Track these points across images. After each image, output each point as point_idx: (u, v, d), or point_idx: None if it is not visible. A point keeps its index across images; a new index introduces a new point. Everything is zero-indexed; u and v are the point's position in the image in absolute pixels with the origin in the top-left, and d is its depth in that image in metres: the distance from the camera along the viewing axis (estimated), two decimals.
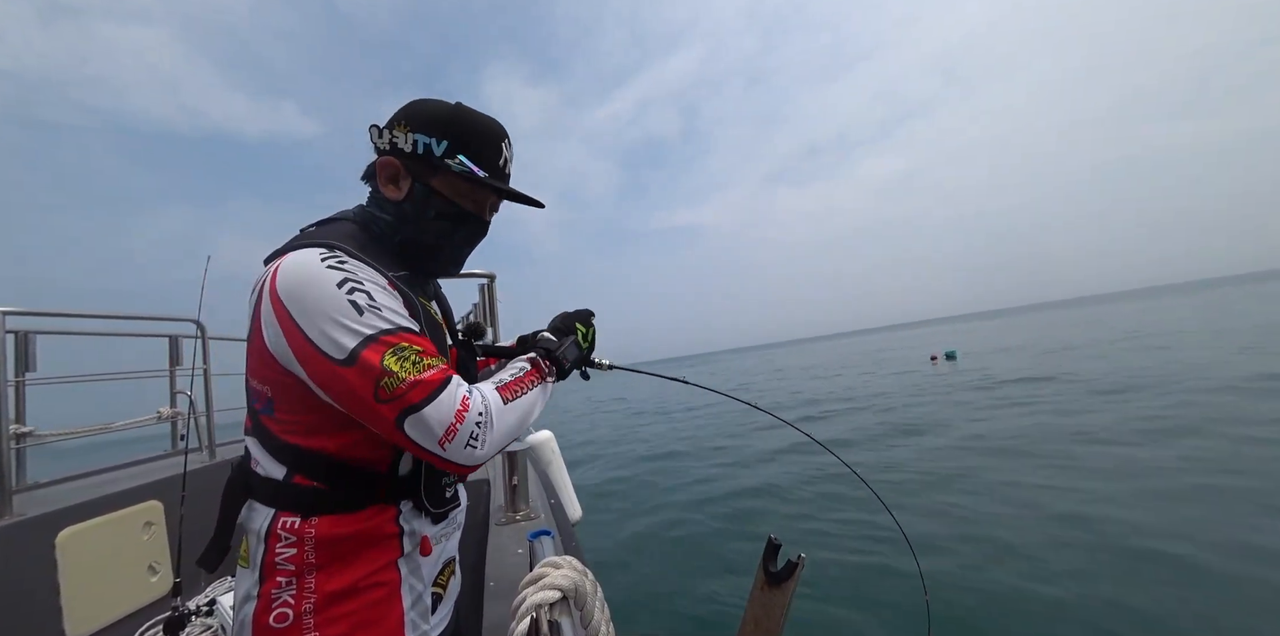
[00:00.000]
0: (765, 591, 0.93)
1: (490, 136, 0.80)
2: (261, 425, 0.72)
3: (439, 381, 0.65)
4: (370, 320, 0.65)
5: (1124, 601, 3.22)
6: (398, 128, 0.77)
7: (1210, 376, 9.88)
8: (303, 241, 0.73)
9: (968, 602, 3.42)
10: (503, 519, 1.96)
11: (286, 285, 0.65)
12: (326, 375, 0.63)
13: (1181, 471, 5.32)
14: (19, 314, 2.16)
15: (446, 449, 0.64)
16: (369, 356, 0.62)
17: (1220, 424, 6.73)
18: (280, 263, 0.68)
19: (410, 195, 0.79)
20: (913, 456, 7.32)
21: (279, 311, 0.65)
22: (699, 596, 4.12)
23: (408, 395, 0.62)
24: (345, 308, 0.64)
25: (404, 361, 0.64)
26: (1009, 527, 4.48)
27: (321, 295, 0.64)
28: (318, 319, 0.63)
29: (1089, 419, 8.03)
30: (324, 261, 0.68)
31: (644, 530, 5.88)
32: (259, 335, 0.68)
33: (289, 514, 0.68)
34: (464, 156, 0.78)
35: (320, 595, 0.67)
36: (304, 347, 0.64)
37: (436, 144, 0.76)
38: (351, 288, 0.66)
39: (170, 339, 3.40)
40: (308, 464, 0.70)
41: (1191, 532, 3.97)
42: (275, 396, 0.70)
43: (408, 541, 0.75)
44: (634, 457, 10.27)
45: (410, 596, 0.74)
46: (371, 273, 0.71)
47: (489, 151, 0.80)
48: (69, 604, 1.91)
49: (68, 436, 2.67)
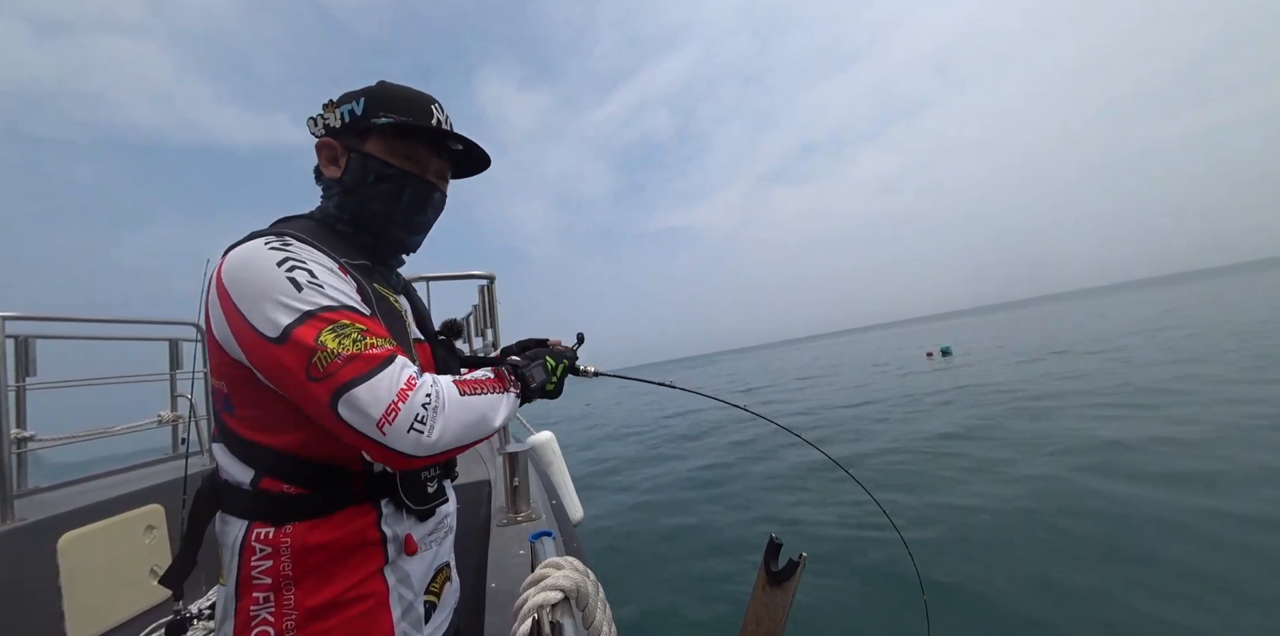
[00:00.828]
0: (767, 590, 0.93)
1: (416, 98, 0.79)
2: (225, 426, 0.69)
3: (380, 358, 0.60)
4: (310, 296, 0.61)
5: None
6: (326, 110, 0.78)
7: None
8: (252, 234, 0.72)
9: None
10: (504, 520, 1.96)
11: (229, 271, 0.63)
12: (262, 355, 0.60)
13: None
14: (19, 319, 2.16)
15: (386, 433, 0.57)
16: (303, 333, 0.58)
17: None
18: (228, 253, 0.67)
19: (348, 168, 0.77)
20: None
21: (222, 297, 0.63)
22: (700, 596, 4.13)
23: (341, 370, 0.57)
24: (283, 285, 0.61)
25: (343, 338, 0.59)
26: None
27: (259, 275, 0.62)
28: (256, 299, 0.60)
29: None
30: (267, 245, 0.65)
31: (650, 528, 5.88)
32: (209, 328, 0.66)
33: (262, 524, 0.64)
34: (387, 112, 0.76)
35: (301, 611, 0.63)
36: (243, 329, 0.61)
37: (358, 105, 0.76)
38: (292, 265, 0.63)
39: (170, 342, 3.40)
40: (274, 464, 0.66)
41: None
42: (231, 391, 0.67)
43: (392, 548, 0.71)
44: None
45: (400, 606, 0.70)
46: (319, 255, 0.68)
47: (414, 106, 0.78)
48: (71, 608, 1.91)
49: (68, 441, 2.67)
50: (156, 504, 2.40)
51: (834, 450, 1.21)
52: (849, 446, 8.13)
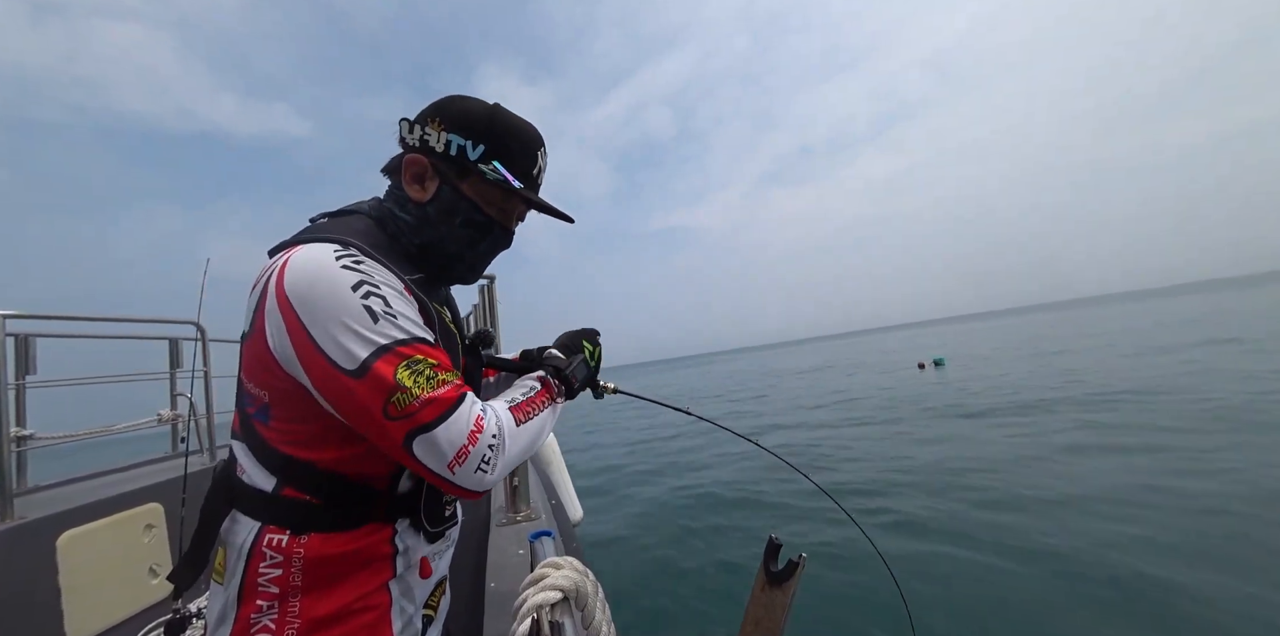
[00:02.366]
0: (766, 591, 0.93)
1: (528, 144, 0.75)
2: (254, 431, 0.66)
3: (453, 399, 0.61)
4: (385, 328, 0.60)
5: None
6: (430, 124, 0.72)
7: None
8: (315, 234, 0.67)
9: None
10: (503, 520, 1.96)
11: (296, 283, 0.60)
12: (333, 386, 0.59)
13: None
14: (19, 317, 2.16)
15: (456, 473, 0.59)
16: (381, 368, 0.57)
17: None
18: (289, 256, 0.62)
19: (436, 198, 0.74)
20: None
21: (286, 312, 0.59)
22: (700, 595, 4.12)
23: (420, 413, 0.58)
24: (359, 313, 0.59)
25: (418, 375, 0.59)
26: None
27: (334, 298, 0.59)
28: (329, 324, 0.58)
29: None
30: (339, 260, 0.62)
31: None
32: (261, 335, 0.62)
33: (276, 530, 0.63)
34: (499, 163, 0.73)
35: (305, 621, 0.62)
36: (311, 354, 0.59)
37: (472, 147, 0.71)
38: (367, 291, 0.61)
39: (170, 341, 3.40)
40: (301, 476, 0.65)
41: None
42: (273, 402, 0.65)
43: (401, 561, 0.70)
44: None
45: (400, 620, 0.69)
46: (388, 275, 0.65)
47: (524, 160, 0.75)
48: (70, 606, 1.91)
49: (68, 439, 2.67)
50: (156, 502, 2.41)
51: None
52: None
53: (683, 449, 10.47)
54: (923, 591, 3.60)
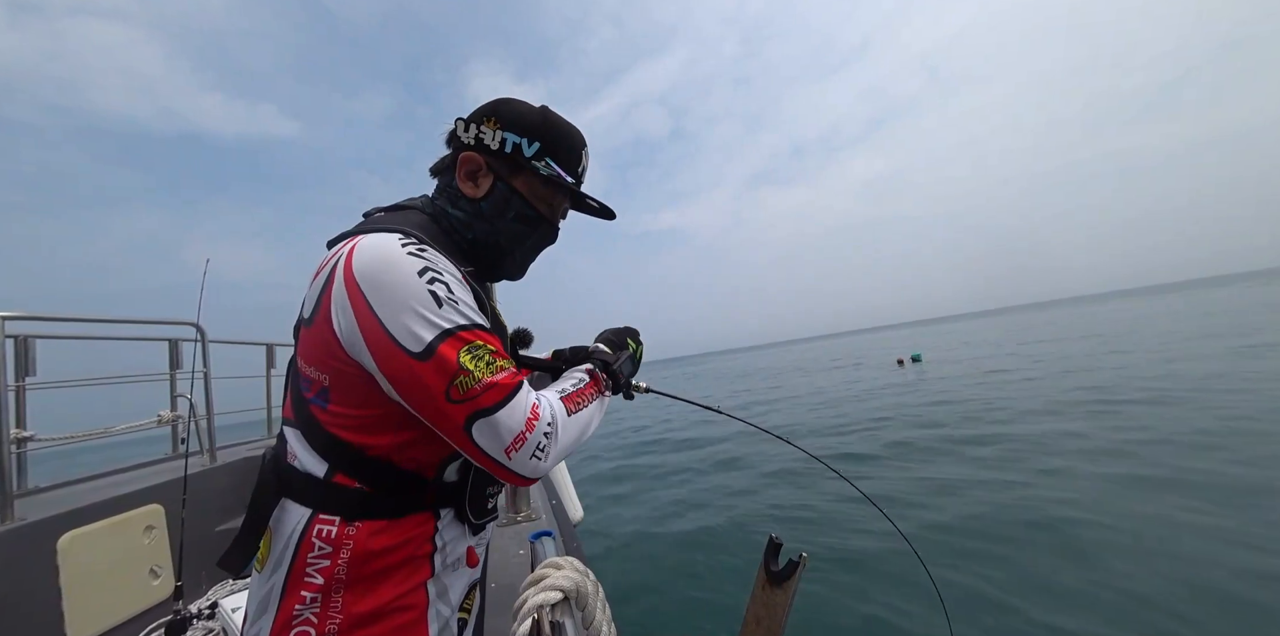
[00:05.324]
0: (767, 590, 0.93)
1: (575, 143, 0.79)
2: (309, 415, 0.67)
3: (513, 385, 0.62)
4: (449, 313, 0.61)
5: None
6: (486, 123, 0.75)
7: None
8: (376, 225, 0.69)
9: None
10: (504, 520, 1.96)
11: (364, 268, 0.61)
12: (398, 368, 0.59)
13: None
14: (19, 318, 2.16)
15: (512, 458, 0.60)
16: (446, 352, 0.59)
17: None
18: (356, 243, 0.64)
19: (490, 194, 0.77)
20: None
21: (354, 296, 0.61)
22: (700, 595, 4.12)
23: (482, 397, 0.59)
24: (425, 297, 0.60)
25: (478, 361, 0.61)
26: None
27: (402, 282, 0.61)
28: (396, 308, 0.60)
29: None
30: (404, 247, 0.64)
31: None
32: (325, 319, 0.63)
33: (326, 518, 0.63)
34: (551, 159, 0.76)
35: (347, 616, 0.62)
36: (378, 337, 0.60)
37: (528, 145, 0.75)
38: (432, 277, 0.62)
39: (170, 342, 3.40)
40: (353, 462, 0.65)
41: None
42: (333, 386, 0.65)
43: (439, 559, 0.70)
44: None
45: (437, 622, 0.69)
46: (448, 264, 0.67)
47: (571, 158, 0.79)
48: (71, 608, 1.91)
49: (68, 441, 2.67)
50: (156, 504, 2.41)
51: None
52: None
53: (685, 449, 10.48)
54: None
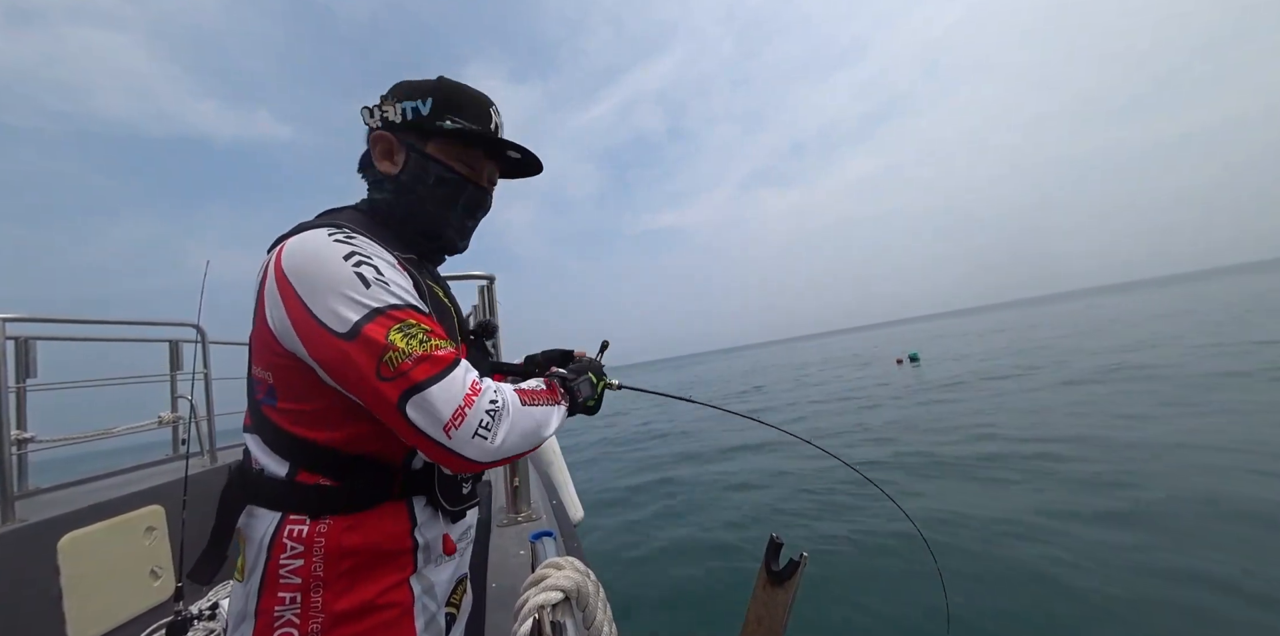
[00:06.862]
0: (768, 590, 0.93)
1: (477, 99, 0.79)
2: (263, 417, 0.67)
3: (448, 360, 0.60)
4: (377, 293, 0.61)
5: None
6: (385, 102, 0.76)
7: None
8: (307, 224, 0.70)
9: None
10: (504, 520, 1.96)
11: (292, 261, 0.62)
12: (327, 350, 0.59)
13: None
14: (19, 320, 2.16)
15: (453, 436, 0.58)
16: (373, 330, 0.58)
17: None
18: (286, 242, 0.65)
19: (406, 165, 0.76)
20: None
21: (283, 288, 0.61)
22: (701, 595, 4.12)
23: (413, 371, 0.58)
24: (351, 280, 0.60)
25: (410, 338, 0.59)
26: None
27: (327, 268, 0.61)
28: (322, 292, 0.60)
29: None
30: (331, 237, 0.64)
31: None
32: (262, 318, 0.64)
33: (296, 519, 0.63)
34: (457, 116, 0.76)
35: (329, 614, 0.61)
36: (306, 322, 0.59)
37: (424, 105, 0.75)
38: (359, 260, 0.62)
39: (170, 343, 3.40)
40: (313, 458, 0.65)
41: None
42: (277, 382, 0.65)
43: (421, 556, 0.70)
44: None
45: (424, 617, 0.69)
46: (379, 249, 0.67)
47: (479, 113, 0.78)
48: (71, 609, 1.91)
49: (68, 442, 2.67)
50: (157, 504, 2.41)
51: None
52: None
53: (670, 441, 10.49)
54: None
